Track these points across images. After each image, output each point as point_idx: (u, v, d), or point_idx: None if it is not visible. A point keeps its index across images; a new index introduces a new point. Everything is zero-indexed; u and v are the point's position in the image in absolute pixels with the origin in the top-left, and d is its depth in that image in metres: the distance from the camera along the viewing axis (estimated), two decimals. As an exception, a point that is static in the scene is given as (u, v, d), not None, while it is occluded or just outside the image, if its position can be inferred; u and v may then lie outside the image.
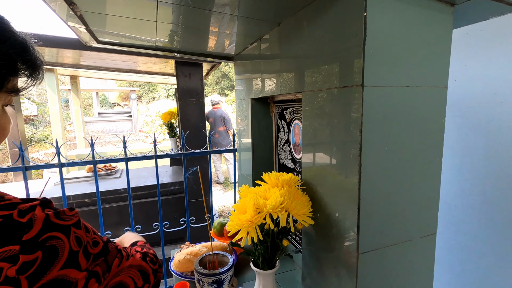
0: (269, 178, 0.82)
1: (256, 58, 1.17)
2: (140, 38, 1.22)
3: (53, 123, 4.20)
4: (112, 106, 17.71)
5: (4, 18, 0.45)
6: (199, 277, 0.92)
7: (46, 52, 2.91)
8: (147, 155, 1.97)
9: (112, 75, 4.75)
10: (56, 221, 0.42)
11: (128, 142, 8.81)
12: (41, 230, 0.39)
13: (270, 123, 1.30)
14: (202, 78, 2.62)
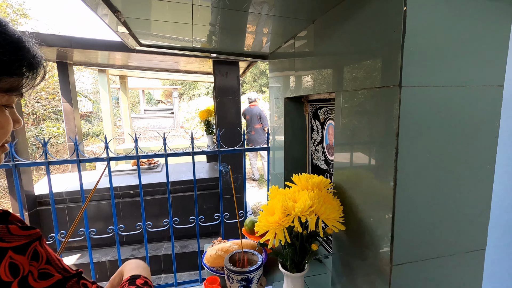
0: (299, 180, 0.80)
1: (290, 57, 1.15)
2: (178, 40, 1.28)
3: (105, 119, 4.60)
4: (156, 104, 18.81)
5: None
6: (228, 273, 0.95)
7: (99, 55, 3.18)
8: (185, 151, 2.06)
9: (156, 75, 5.03)
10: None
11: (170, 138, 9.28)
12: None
13: (303, 123, 1.28)
14: (238, 76, 2.65)
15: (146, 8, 0.87)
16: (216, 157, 3.44)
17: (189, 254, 2.75)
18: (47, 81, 7.52)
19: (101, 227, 2.72)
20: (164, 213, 2.84)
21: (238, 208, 2.81)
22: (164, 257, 2.71)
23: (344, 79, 0.75)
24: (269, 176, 2.20)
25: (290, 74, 1.14)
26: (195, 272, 2.75)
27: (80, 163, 1.86)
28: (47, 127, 6.91)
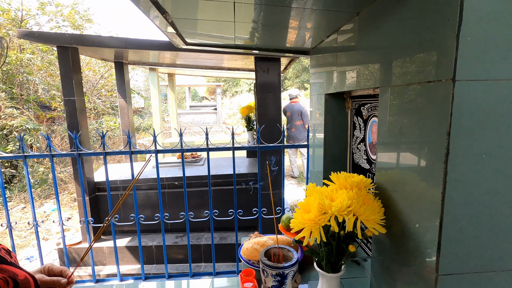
0: (337, 179, 0.78)
1: (333, 51, 1.11)
2: (221, 38, 1.31)
3: (154, 114, 4.94)
4: (201, 100, 19.60)
5: None
6: (263, 267, 0.96)
7: (150, 54, 3.41)
8: (226, 146, 2.13)
9: (201, 72, 5.24)
10: None
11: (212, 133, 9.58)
12: None
13: (345, 120, 1.23)
14: (279, 72, 2.64)
15: (191, 8, 0.91)
16: (255, 153, 3.48)
17: (228, 246, 2.84)
18: (106, 80, 8.29)
19: (149, 214, 2.93)
20: (205, 204, 2.97)
21: (275, 204, 2.83)
22: (204, 246, 2.84)
23: (392, 73, 0.71)
24: (308, 174, 2.17)
25: (333, 69, 1.10)
26: (232, 264, 2.83)
27: (132, 154, 2.03)
28: (106, 121, 7.65)
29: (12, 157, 2.02)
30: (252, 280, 1.03)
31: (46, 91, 6.21)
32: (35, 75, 5.88)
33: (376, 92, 0.98)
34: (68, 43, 2.43)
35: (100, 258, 2.77)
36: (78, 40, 2.47)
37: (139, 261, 2.81)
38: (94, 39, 2.51)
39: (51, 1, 6.24)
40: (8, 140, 5.25)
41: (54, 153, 1.96)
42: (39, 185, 5.35)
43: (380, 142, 0.77)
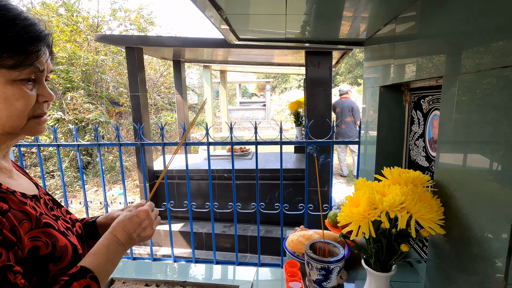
0: (390, 174, 0.74)
1: (390, 41, 1.05)
2: (272, 33, 1.33)
3: (207, 110, 5.20)
4: (251, 96, 19.98)
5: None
6: (308, 260, 0.96)
7: (204, 52, 3.59)
8: (273, 140, 2.15)
9: (252, 68, 5.34)
10: None
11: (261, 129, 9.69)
12: None
13: (401, 114, 1.15)
14: (331, 67, 2.56)
15: (244, 3, 0.94)
16: (303, 149, 3.45)
17: (272, 239, 2.88)
18: (165, 78, 8.97)
19: (200, 203, 3.12)
20: (252, 197, 3.05)
21: (322, 201, 2.77)
22: (250, 238, 2.93)
23: (461, 63, 0.64)
24: (358, 172, 2.08)
25: (390, 59, 1.04)
26: (277, 257, 2.86)
27: (187, 146, 2.18)
28: (164, 116, 8.30)
29: (89, 145, 2.33)
30: (297, 272, 1.04)
31: (115, 89, 6.97)
32: (107, 74, 6.65)
33: (439, 83, 0.90)
34: (134, 44, 2.69)
35: (157, 239, 3.05)
36: (143, 41, 2.72)
37: (190, 246, 3.01)
38: (156, 39, 2.74)
39: (121, 7, 6.97)
40: (85, 131, 6.05)
41: (122, 142, 2.20)
42: (108, 172, 6.05)
43: (443, 138, 0.70)
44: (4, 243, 0.44)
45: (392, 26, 1.01)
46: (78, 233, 0.64)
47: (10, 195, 0.51)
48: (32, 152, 5.55)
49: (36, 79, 0.52)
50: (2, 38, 0.46)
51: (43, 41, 0.51)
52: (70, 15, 6.54)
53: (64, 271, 0.53)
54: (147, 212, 0.67)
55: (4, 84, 0.48)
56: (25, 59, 0.48)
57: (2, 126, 0.50)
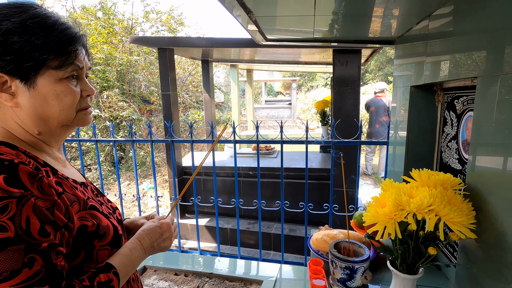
0: (419, 176, 0.73)
1: (422, 39, 1.02)
2: (299, 32, 1.34)
3: (233, 108, 5.29)
4: (276, 95, 19.92)
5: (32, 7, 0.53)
6: (333, 258, 0.97)
7: (232, 51, 3.66)
8: (299, 139, 2.16)
9: (278, 67, 5.34)
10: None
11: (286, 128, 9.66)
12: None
13: (433, 115, 1.11)
14: (359, 65, 2.51)
15: (273, 5, 0.96)
16: (329, 148, 3.40)
17: (296, 238, 2.88)
18: (193, 77, 9.22)
19: (225, 199, 3.19)
20: (276, 195, 3.07)
21: (348, 202, 2.72)
22: (274, 235, 2.95)
23: (504, 60, 0.62)
24: (386, 173, 2.02)
25: (423, 58, 1.01)
26: (300, 256, 2.86)
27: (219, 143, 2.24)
28: (191, 114, 8.55)
29: (124, 141, 2.48)
30: (320, 270, 1.05)
31: (147, 87, 7.30)
32: (139, 73, 6.98)
33: (474, 83, 0.86)
34: (166, 45, 2.82)
35: (184, 233, 3.17)
36: (174, 42, 2.83)
37: (215, 240, 3.10)
38: (186, 40, 2.85)
39: (153, 9, 7.28)
40: (119, 128, 6.40)
41: (153, 139, 2.32)
42: (139, 167, 6.37)
43: (477, 140, 0.68)
44: (54, 223, 0.50)
45: (425, 24, 0.98)
46: (118, 219, 0.71)
47: (64, 180, 0.59)
48: (72, 146, 5.98)
49: (78, 76, 0.59)
50: (47, 43, 0.53)
51: (79, 41, 0.58)
52: (107, 18, 6.95)
53: (106, 247, 0.61)
54: (168, 225, 0.74)
55: (54, 83, 0.55)
56: (66, 59, 0.55)
57: (57, 119, 0.57)
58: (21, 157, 0.52)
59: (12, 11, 0.53)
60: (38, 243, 0.46)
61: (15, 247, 0.44)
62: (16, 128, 0.57)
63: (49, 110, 0.56)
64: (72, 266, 0.56)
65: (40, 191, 0.50)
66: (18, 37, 0.51)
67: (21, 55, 0.51)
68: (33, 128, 0.57)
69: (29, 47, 0.51)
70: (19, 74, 0.52)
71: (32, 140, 0.58)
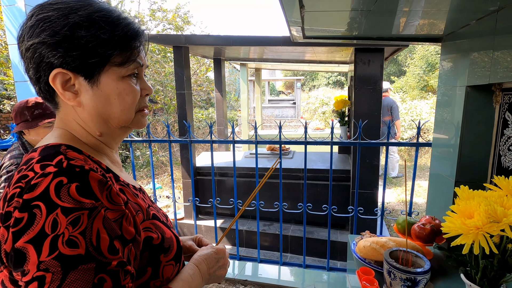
0: (507, 184, 0.67)
1: (487, 35, 0.96)
2: (338, 30, 1.28)
3: (242, 107, 5.23)
4: (278, 94, 19.87)
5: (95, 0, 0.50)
6: (390, 269, 0.91)
7: (243, 50, 3.59)
8: (324, 140, 2.10)
9: (288, 66, 5.28)
10: (52, 194, 0.40)
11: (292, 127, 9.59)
12: (36, 197, 0.40)
13: (490, 116, 1.06)
14: (382, 64, 2.45)
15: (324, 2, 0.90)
16: (348, 149, 3.34)
17: (314, 240, 2.83)
18: (198, 76, 9.16)
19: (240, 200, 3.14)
20: (292, 197, 3.01)
21: (371, 204, 2.65)
22: (291, 238, 2.90)
23: None
24: (414, 175, 1.97)
25: (488, 56, 0.95)
26: (318, 259, 2.81)
27: (235, 143, 2.19)
28: (196, 113, 8.49)
29: (141, 141, 2.42)
30: (373, 280, 0.99)
31: (153, 87, 7.24)
32: (146, 72, 6.90)
33: (551, 83, 0.81)
34: (182, 43, 2.76)
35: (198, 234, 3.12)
36: (190, 40, 2.77)
37: (230, 242, 3.05)
38: (202, 38, 2.79)
39: (160, 7, 7.20)
40: (126, 127, 6.32)
41: (172, 139, 2.27)
42: (145, 166, 6.31)
43: None
44: (122, 238, 0.45)
45: (492, 20, 0.92)
46: None
47: (126, 187, 0.54)
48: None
49: (138, 74, 0.55)
50: (113, 37, 0.49)
51: (142, 36, 0.55)
52: (112, 16, 6.84)
53: (171, 262, 0.55)
54: (224, 251, 0.70)
55: (117, 81, 0.51)
56: (130, 55, 0.52)
57: (118, 119, 0.53)
58: (88, 162, 0.47)
59: (78, 4, 0.48)
60: (108, 261, 0.41)
61: (86, 266, 0.39)
62: (78, 130, 0.53)
63: (111, 110, 0.52)
64: (138, 284, 0.50)
65: (110, 201, 0.45)
66: (85, 32, 0.47)
67: (87, 50, 0.47)
68: (94, 129, 0.53)
69: (95, 42, 0.48)
70: (83, 71, 0.49)
71: (94, 143, 0.54)
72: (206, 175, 3.23)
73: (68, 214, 0.39)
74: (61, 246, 0.38)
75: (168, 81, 7.36)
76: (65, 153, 0.46)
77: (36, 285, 0.37)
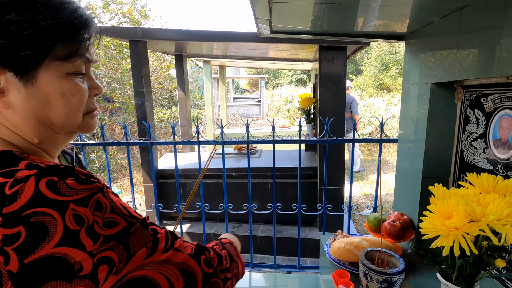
0: (481, 182, 0.67)
1: (446, 33, 0.97)
2: (304, 24, 1.24)
3: (207, 106, 5.06)
4: (243, 92, 19.81)
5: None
6: (367, 271, 0.89)
7: (206, 46, 3.45)
8: (293, 139, 2.07)
9: (253, 63, 5.22)
10: (50, 195, 0.36)
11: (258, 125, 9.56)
12: (25, 205, 0.34)
13: (451, 113, 1.08)
14: (345, 62, 2.49)
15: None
16: (315, 147, 3.38)
17: (283, 239, 2.82)
18: (159, 73, 8.73)
19: (206, 203, 3.02)
20: (260, 196, 2.96)
21: (337, 201, 2.70)
22: (261, 238, 2.85)
23: None
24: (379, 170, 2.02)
25: (452, 53, 0.97)
26: (289, 258, 2.81)
27: (200, 144, 2.07)
28: (157, 112, 8.08)
29: (95, 144, 2.19)
30: (349, 283, 0.97)
31: (108, 84, 6.73)
32: (100, 69, 6.40)
33: (510, 81, 0.83)
34: (139, 37, 2.55)
35: (163, 241, 2.94)
36: (148, 34, 2.57)
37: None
38: (162, 32, 2.60)
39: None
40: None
41: (130, 141, 2.08)
42: (103, 170, 5.85)
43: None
44: None
45: (455, 18, 0.93)
46: None
47: None
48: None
49: (86, 70, 0.47)
50: (55, 25, 0.40)
51: (93, 27, 0.46)
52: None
53: None
54: None
55: (60, 78, 0.42)
56: (77, 49, 0.43)
57: (62, 125, 0.45)
58: None
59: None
60: (141, 217, 0.44)
61: (135, 229, 0.41)
62: (9, 135, 0.43)
63: (52, 113, 0.43)
64: None
65: None
66: (16, 15, 0.37)
67: (20, 39, 0.38)
68: (31, 135, 0.44)
69: (31, 30, 0.38)
70: (13, 66, 0.39)
71: (33, 150, 0.45)
72: (170, 178, 3.06)
73: (86, 203, 0.38)
74: (102, 231, 0.38)
75: (126, 79, 6.90)
76: (24, 156, 0.40)
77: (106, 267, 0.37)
